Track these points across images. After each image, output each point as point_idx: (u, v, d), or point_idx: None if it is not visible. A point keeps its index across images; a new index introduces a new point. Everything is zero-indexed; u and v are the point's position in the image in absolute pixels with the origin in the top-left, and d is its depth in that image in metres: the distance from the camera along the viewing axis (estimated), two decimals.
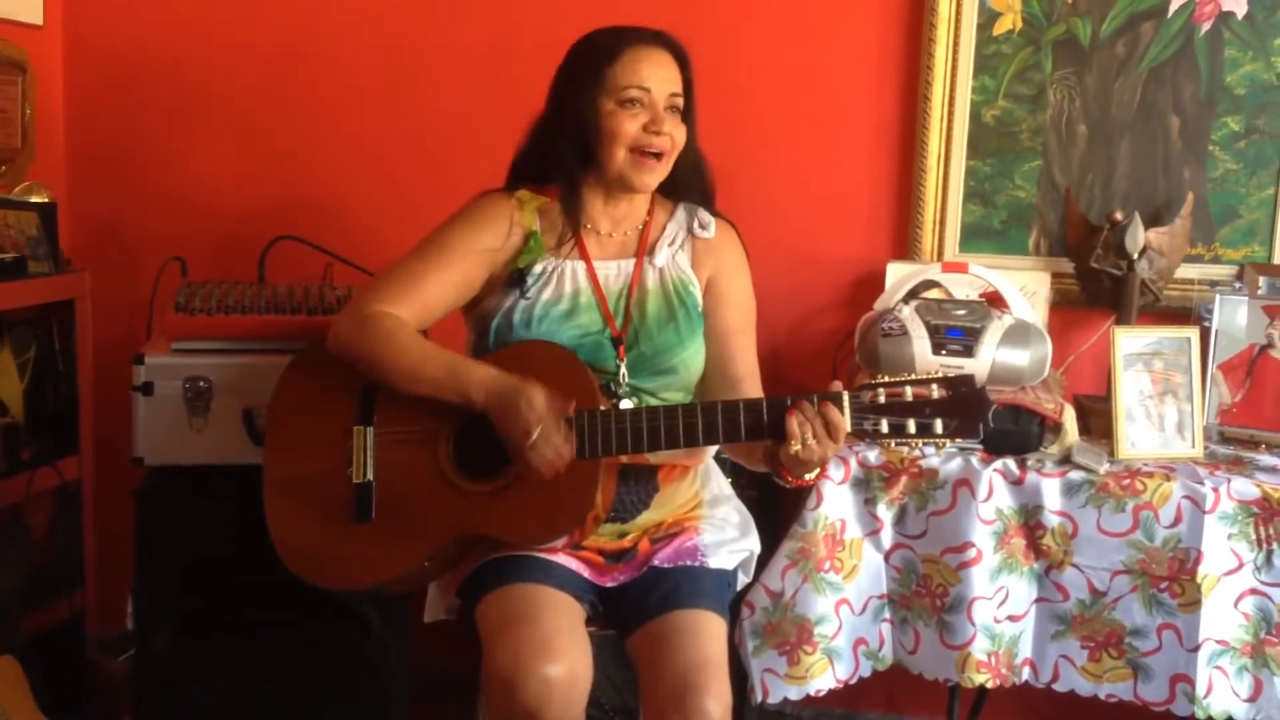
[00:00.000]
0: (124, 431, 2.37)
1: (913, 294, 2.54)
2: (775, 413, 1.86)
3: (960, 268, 2.60)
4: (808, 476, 1.91)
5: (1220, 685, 2.29)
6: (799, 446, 1.82)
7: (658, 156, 2.01)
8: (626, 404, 1.99)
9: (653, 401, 2.03)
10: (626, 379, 2.02)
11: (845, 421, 1.83)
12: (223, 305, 2.42)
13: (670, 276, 2.08)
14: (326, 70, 2.96)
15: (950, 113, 2.76)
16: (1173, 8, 2.67)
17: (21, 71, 2.82)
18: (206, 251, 2.87)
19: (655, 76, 2.00)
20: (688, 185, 2.12)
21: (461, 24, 2.91)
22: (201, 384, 2.34)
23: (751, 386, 2.07)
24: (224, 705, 2.35)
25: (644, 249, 2.10)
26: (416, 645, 2.50)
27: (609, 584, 2.02)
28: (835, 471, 2.35)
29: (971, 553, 2.31)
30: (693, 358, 2.06)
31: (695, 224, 2.12)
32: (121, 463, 2.42)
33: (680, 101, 2.03)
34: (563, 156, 2.03)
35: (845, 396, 1.84)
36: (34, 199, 2.67)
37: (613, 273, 2.08)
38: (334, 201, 2.95)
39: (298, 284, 2.60)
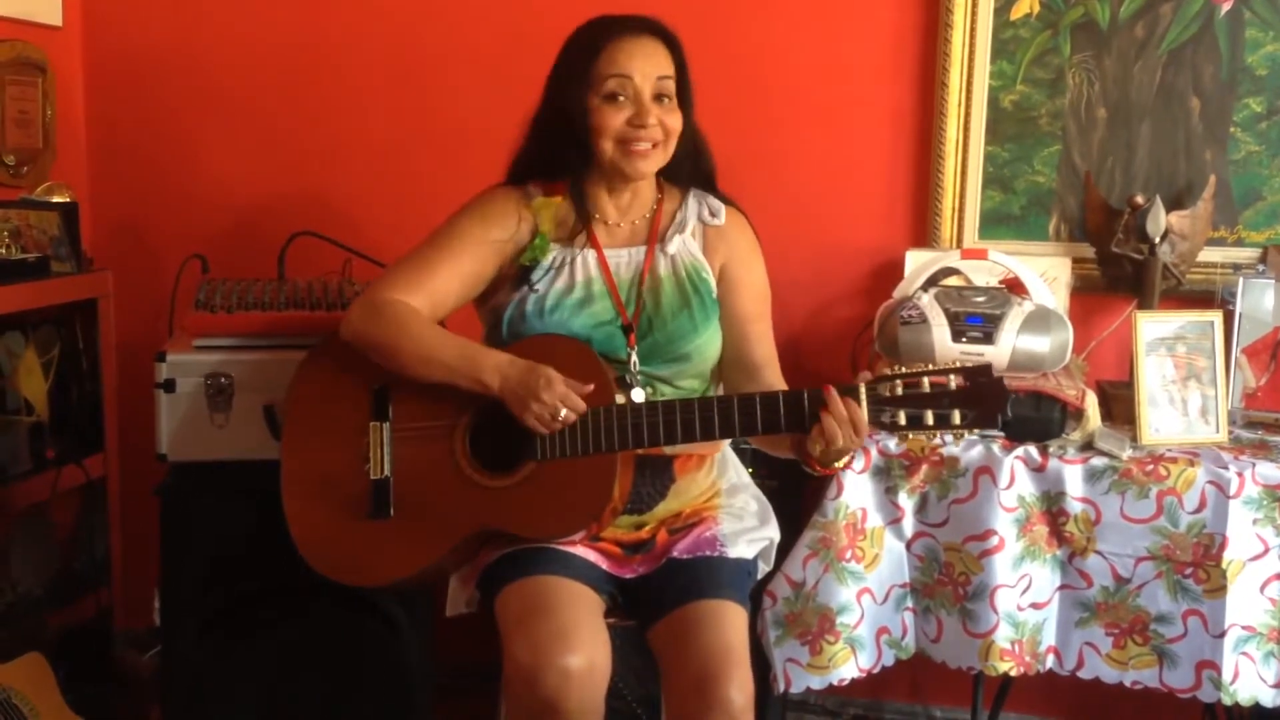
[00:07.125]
0: (147, 428, 2.38)
1: (932, 281, 2.52)
2: (793, 406, 1.85)
3: (979, 254, 2.59)
4: (837, 465, 1.92)
5: (1247, 671, 2.27)
6: (838, 444, 1.82)
7: (651, 145, 2.00)
8: (639, 393, 1.99)
9: (667, 389, 2.04)
10: (638, 366, 2.02)
11: (864, 414, 1.83)
12: (243, 302, 2.43)
13: (683, 264, 2.08)
14: (343, 68, 2.97)
15: (968, 98, 2.74)
16: None
17: (41, 73, 2.85)
18: (227, 249, 2.89)
19: (636, 65, 1.98)
20: (688, 170, 2.11)
21: (474, 20, 2.91)
22: (223, 380, 2.35)
23: (771, 373, 2.06)
24: (250, 700, 2.37)
25: (655, 236, 2.09)
26: (440, 639, 2.51)
27: (628, 575, 2.02)
28: (855, 460, 2.34)
29: (994, 540, 2.30)
30: (707, 344, 2.06)
31: (705, 211, 2.12)
32: (145, 459, 2.44)
33: (671, 86, 2.01)
34: (562, 153, 2.03)
35: (862, 389, 1.83)
36: (56, 199, 2.69)
37: (623, 260, 2.08)
38: (352, 197, 2.96)
39: (317, 280, 2.61)
